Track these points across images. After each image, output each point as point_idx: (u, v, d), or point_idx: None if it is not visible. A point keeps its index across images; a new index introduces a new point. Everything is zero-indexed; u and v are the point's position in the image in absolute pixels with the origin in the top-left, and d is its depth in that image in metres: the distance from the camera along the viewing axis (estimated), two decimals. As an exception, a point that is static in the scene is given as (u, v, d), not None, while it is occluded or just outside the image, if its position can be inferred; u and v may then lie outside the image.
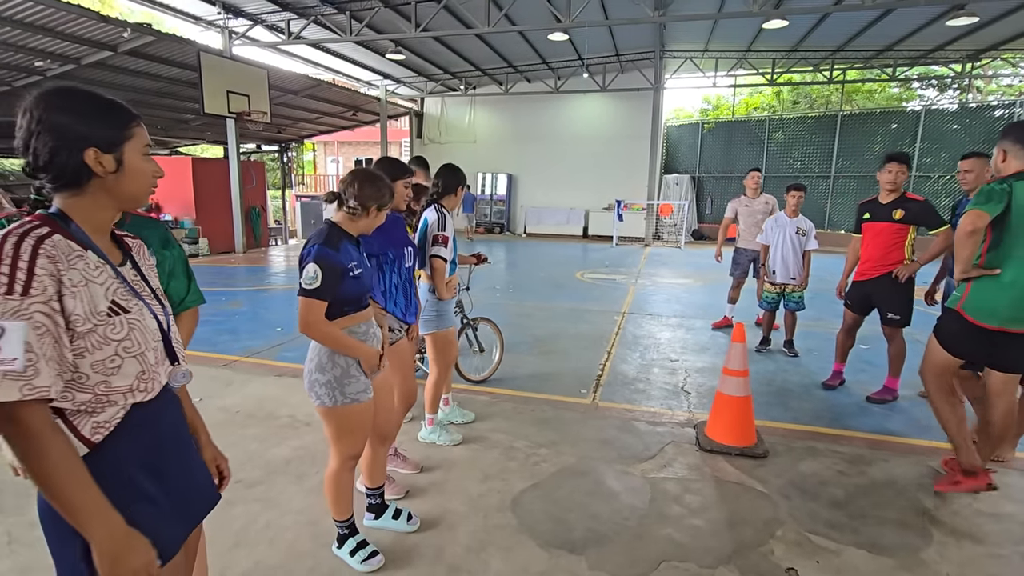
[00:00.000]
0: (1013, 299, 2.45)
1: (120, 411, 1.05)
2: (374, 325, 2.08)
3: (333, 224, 1.95)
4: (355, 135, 23.83)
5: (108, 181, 1.06)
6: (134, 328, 1.07)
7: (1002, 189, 2.45)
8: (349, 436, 2.01)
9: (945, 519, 2.52)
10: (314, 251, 1.83)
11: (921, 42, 12.74)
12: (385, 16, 11.02)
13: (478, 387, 4.08)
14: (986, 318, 2.53)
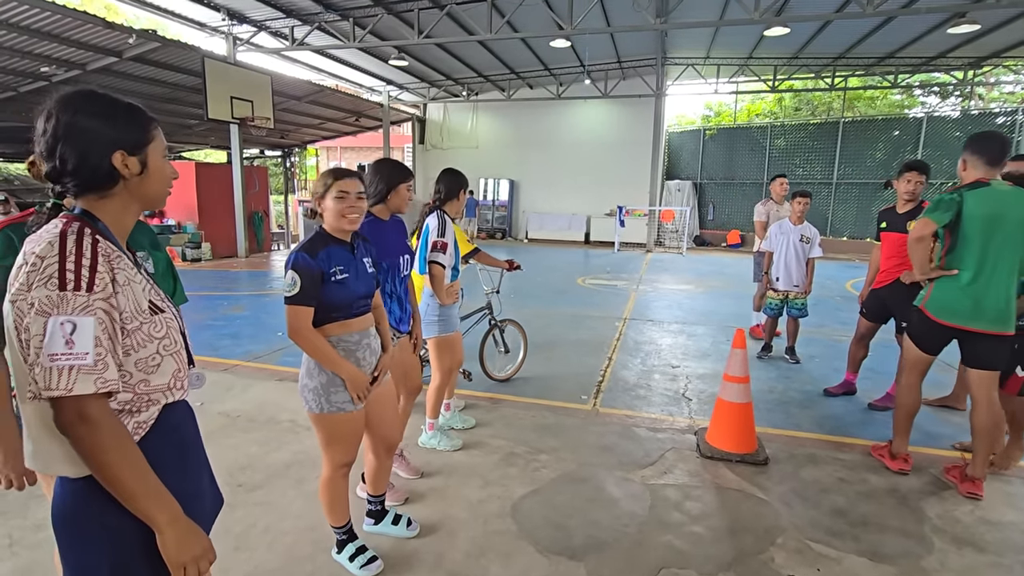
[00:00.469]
0: (971, 300, 2.67)
1: (156, 411, 1.07)
2: (371, 335, 2.03)
3: (319, 230, 1.95)
4: (358, 141, 23.91)
5: (132, 183, 1.07)
6: (171, 327, 1.10)
7: (951, 199, 2.69)
8: (337, 444, 2.00)
9: (947, 527, 2.51)
10: (291, 258, 1.84)
11: (923, 49, 12.77)
12: (388, 23, 11.10)
13: (479, 392, 4.08)
14: (947, 316, 2.74)
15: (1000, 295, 2.65)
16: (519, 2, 9.93)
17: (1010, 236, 2.62)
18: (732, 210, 17.38)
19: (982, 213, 2.64)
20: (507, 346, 4.37)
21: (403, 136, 24.31)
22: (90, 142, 1.01)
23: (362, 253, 2.02)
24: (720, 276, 10.83)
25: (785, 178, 5.94)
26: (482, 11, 10.34)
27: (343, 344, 1.94)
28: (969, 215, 2.65)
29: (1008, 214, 2.62)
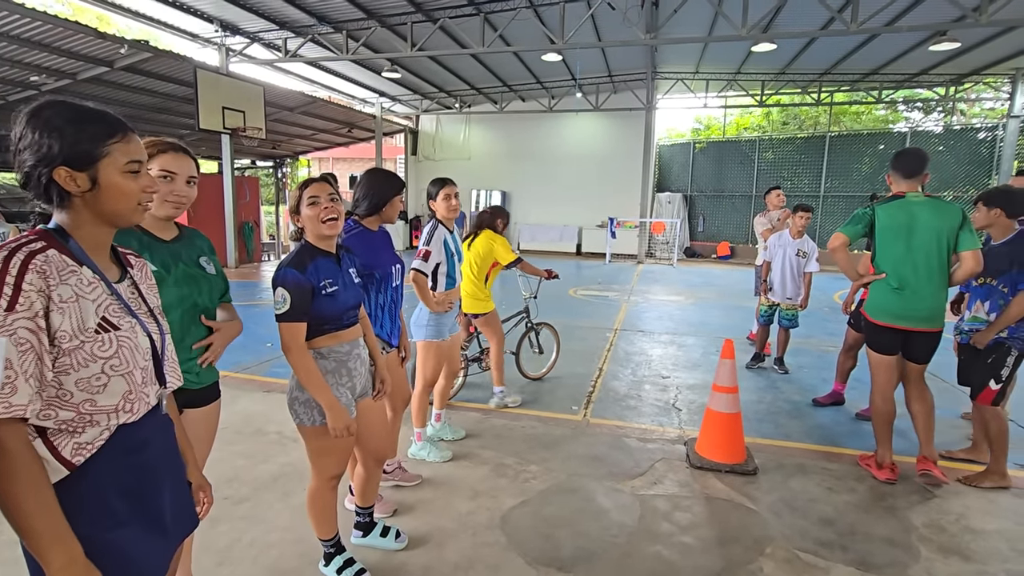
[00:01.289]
0: (899, 301, 2.90)
1: (104, 432, 1.03)
2: (360, 345, 2.02)
3: (304, 243, 1.93)
4: (350, 152, 23.95)
5: (87, 199, 1.04)
6: (123, 346, 1.05)
7: (863, 213, 3.00)
8: (327, 457, 1.97)
9: (933, 536, 2.53)
10: (279, 274, 1.81)
11: (906, 66, 13.07)
12: (381, 35, 11.19)
13: (469, 404, 4.06)
14: (882, 317, 2.97)
15: (924, 297, 2.87)
16: (511, 16, 10.06)
17: (924, 243, 2.85)
18: (722, 222, 17.57)
19: (893, 224, 2.90)
20: (541, 347, 4.71)
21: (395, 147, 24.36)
22: (36, 155, 1.00)
23: (347, 264, 2.00)
24: (710, 287, 10.91)
25: (780, 189, 5.92)
26: (475, 25, 10.47)
27: (334, 355, 1.93)
28: (880, 226, 2.94)
29: (919, 223, 2.86)
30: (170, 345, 1.22)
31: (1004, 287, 2.89)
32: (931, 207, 2.88)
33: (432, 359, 3.04)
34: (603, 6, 9.68)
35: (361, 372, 2.02)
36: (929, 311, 2.89)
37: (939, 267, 2.86)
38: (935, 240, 2.84)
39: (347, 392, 1.96)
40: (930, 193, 3.00)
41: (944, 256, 2.86)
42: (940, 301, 2.90)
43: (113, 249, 1.15)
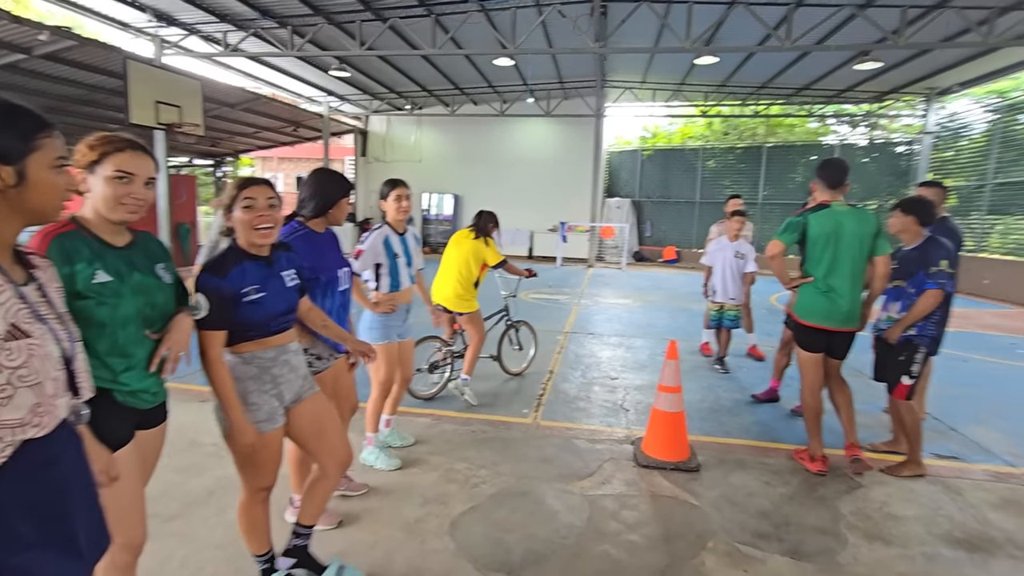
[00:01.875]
0: (824, 303, 3.11)
1: (7, 448, 0.95)
2: (290, 351, 1.91)
3: (232, 244, 1.82)
4: (296, 151, 23.20)
5: (10, 195, 0.99)
6: (34, 355, 0.97)
7: (797, 222, 3.18)
8: (253, 468, 1.87)
9: (859, 524, 2.69)
10: (199, 278, 1.71)
11: (834, 83, 13.95)
12: (329, 32, 10.91)
13: (418, 409, 4.00)
14: (809, 318, 3.17)
15: (845, 299, 3.08)
16: (463, 19, 10.04)
17: (848, 249, 3.06)
18: (668, 227, 18.18)
19: (822, 231, 3.09)
20: (521, 344, 4.97)
21: (344, 148, 23.79)
22: None
23: (282, 266, 1.90)
24: (657, 290, 11.24)
25: (739, 198, 5.87)
26: (426, 26, 10.38)
27: (257, 361, 1.83)
28: (812, 234, 3.12)
29: (844, 231, 3.06)
30: (80, 353, 1.13)
31: (912, 289, 3.13)
32: (854, 215, 3.10)
33: (382, 363, 2.97)
34: (554, 13, 9.83)
35: (291, 379, 1.92)
36: (849, 312, 3.10)
37: (859, 272, 3.10)
38: (858, 246, 3.07)
39: (271, 400, 1.86)
40: (851, 202, 3.22)
41: (863, 261, 3.10)
42: (858, 303, 3.14)
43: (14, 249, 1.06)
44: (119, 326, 1.44)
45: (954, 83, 13.35)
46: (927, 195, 3.53)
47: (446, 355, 4.31)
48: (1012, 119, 12.38)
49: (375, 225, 3.05)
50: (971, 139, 13.75)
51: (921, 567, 2.37)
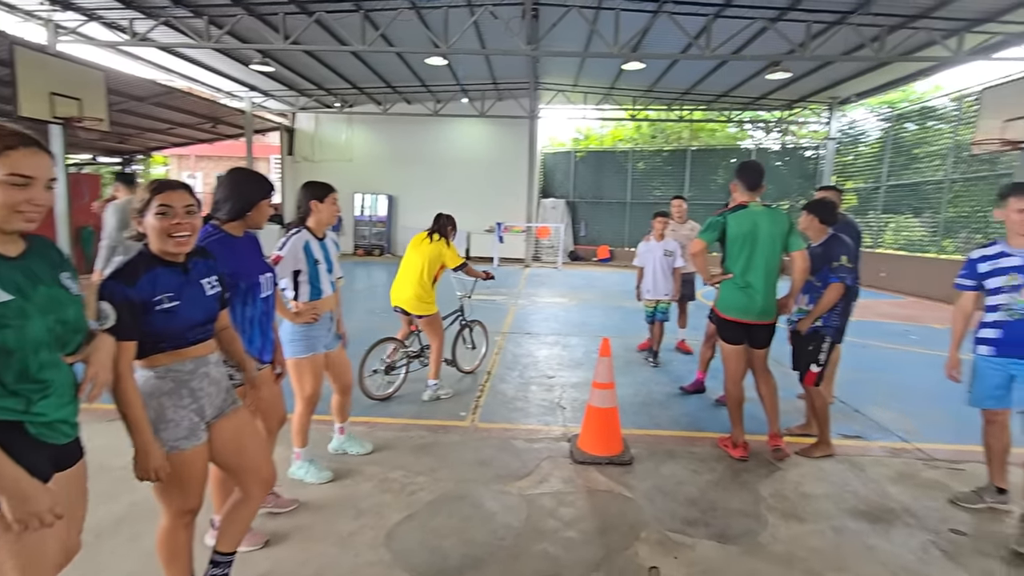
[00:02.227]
0: (743, 298, 3.29)
1: None
2: (210, 362, 1.79)
3: (144, 249, 1.69)
4: (216, 149, 21.89)
5: None
6: None
7: (717, 221, 3.36)
8: (173, 489, 1.74)
9: (777, 504, 2.87)
10: (104, 285, 1.57)
11: (750, 91, 14.88)
12: (249, 24, 10.35)
13: (354, 418, 3.86)
14: (729, 312, 3.35)
15: (761, 294, 3.28)
16: (393, 16, 9.84)
17: (763, 247, 3.26)
18: (602, 227, 18.70)
19: (740, 231, 3.28)
20: (474, 343, 5.16)
21: (270, 146, 22.72)
22: None
23: (200, 273, 1.78)
24: (592, 289, 11.52)
25: (682, 199, 5.99)
26: (355, 21, 10.08)
27: (172, 374, 1.70)
28: (731, 233, 3.31)
29: (760, 230, 3.26)
30: None
31: (819, 282, 3.39)
32: (768, 215, 3.31)
33: (307, 376, 2.83)
34: (486, 14, 9.84)
35: (211, 392, 1.80)
36: (765, 307, 3.30)
37: (773, 268, 3.31)
38: (772, 244, 3.27)
39: (191, 415, 1.74)
40: (766, 203, 3.44)
41: (777, 258, 3.32)
42: (773, 298, 3.35)
43: None
44: (29, 351, 1.24)
45: (852, 93, 14.59)
46: (831, 196, 3.84)
47: (402, 356, 4.39)
48: (901, 127, 13.72)
49: (292, 230, 2.88)
50: (867, 145, 15.11)
51: (831, 540, 2.57)
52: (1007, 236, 2.79)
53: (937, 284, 11.57)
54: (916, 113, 13.54)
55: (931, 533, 2.64)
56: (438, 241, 4.30)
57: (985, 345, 2.79)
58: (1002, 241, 2.81)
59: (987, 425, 2.87)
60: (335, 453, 3.27)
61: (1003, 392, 2.75)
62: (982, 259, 2.83)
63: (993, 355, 2.76)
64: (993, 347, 2.75)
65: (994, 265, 2.77)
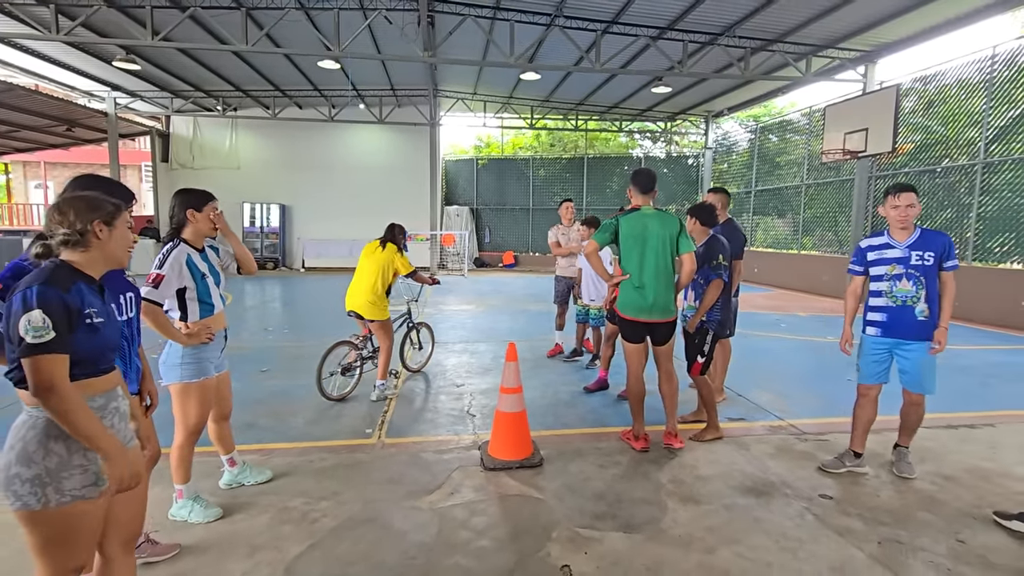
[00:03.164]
0: (640, 298, 3.44)
1: None
2: (119, 396, 1.62)
3: (62, 262, 1.50)
4: (72, 155, 19.40)
5: None
6: None
7: (609, 223, 3.52)
8: (64, 547, 1.49)
9: (676, 490, 3.05)
10: (33, 293, 1.38)
11: (637, 103, 15.91)
12: (109, 16, 9.30)
13: (246, 446, 3.56)
14: (629, 312, 3.49)
15: (658, 293, 3.43)
16: (280, 16, 9.32)
17: (654, 248, 3.42)
18: (506, 233, 18.99)
19: (631, 232, 3.45)
20: (421, 343, 5.53)
21: (140, 152, 20.55)
22: None
23: (110, 296, 1.64)
24: (499, 295, 11.63)
25: (571, 201, 6.13)
26: (236, 19, 9.41)
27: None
28: (623, 234, 3.47)
29: (650, 232, 3.43)
30: None
31: (702, 280, 3.67)
32: (658, 218, 3.50)
33: (194, 404, 2.57)
34: (380, 19, 9.62)
35: (121, 429, 1.61)
36: (661, 305, 3.46)
37: (666, 268, 3.47)
38: (662, 245, 3.45)
39: (98, 458, 1.52)
40: (657, 206, 3.66)
41: (669, 258, 3.48)
42: (669, 296, 3.49)
43: None
44: None
45: (725, 107, 16.13)
46: (711, 199, 4.18)
47: (356, 358, 4.62)
48: (765, 138, 15.37)
49: (168, 244, 2.60)
50: (739, 154, 16.75)
51: (724, 518, 2.77)
52: (890, 229, 3.15)
53: (799, 277, 13.09)
54: (776, 126, 15.25)
55: (805, 500, 2.95)
56: (390, 249, 4.62)
57: (872, 327, 3.19)
58: (888, 233, 3.16)
59: (860, 398, 3.28)
60: (229, 488, 2.99)
61: (884, 369, 3.18)
62: (869, 248, 3.19)
63: (878, 336, 3.16)
64: (879, 329, 3.16)
65: (879, 255, 3.14)
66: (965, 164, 9.51)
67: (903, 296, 3.07)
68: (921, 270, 3.02)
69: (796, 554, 2.46)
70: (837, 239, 12.73)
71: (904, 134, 10.52)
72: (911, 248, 3.04)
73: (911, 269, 3.04)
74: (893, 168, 11.05)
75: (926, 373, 3.09)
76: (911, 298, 3.04)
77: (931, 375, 3.10)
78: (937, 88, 10.24)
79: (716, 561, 2.40)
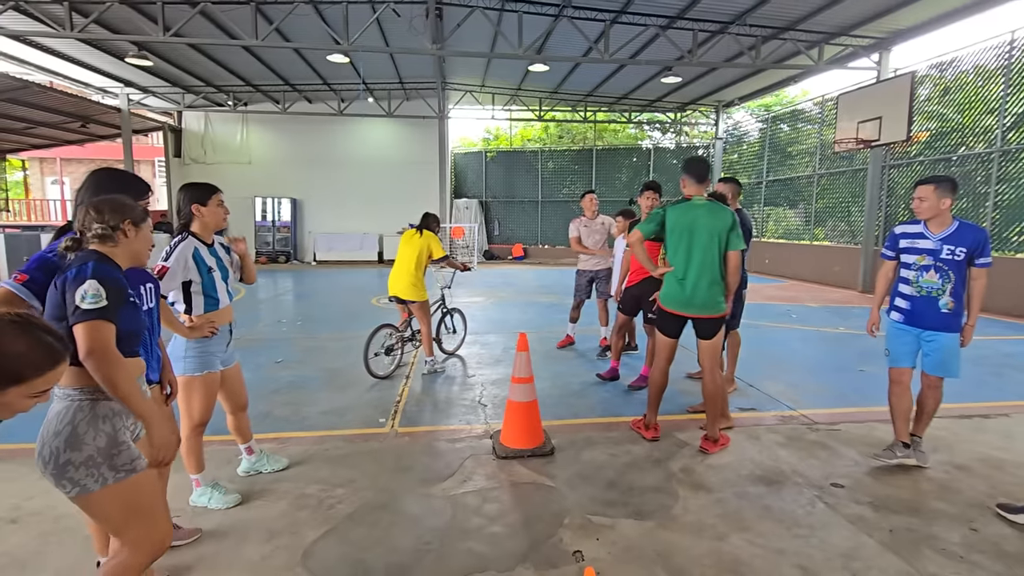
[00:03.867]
0: (684, 291, 3.33)
1: None
2: (144, 385, 1.74)
3: (98, 251, 1.62)
4: (87, 151, 19.64)
5: None
6: None
7: (656, 213, 3.40)
8: (142, 518, 1.59)
9: (686, 478, 3.08)
10: (88, 267, 1.52)
11: (646, 93, 15.77)
12: (121, 13, 9.37)
13: (264, 435, 3.63)
14: (671, 305, 3.40)
15: (702, 287, 3.30)
16: (289, 10, 9.34)
17: (702, 240, 3.29)
18: (515, 225, 18.98)
19: (679, 223, 3.32)
20: (455, 327, 5.92)
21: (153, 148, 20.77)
22: None
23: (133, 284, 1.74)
24: (508, 287, 11.66)
25: (594, 193, 5.92)
26: (246, 14, 9.45)
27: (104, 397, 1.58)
28: (670, 225, 3.36)
29: (699, 224, 3.30)
30: None
31: None
32: (709, 210, 3.30)
33: (197, 397, 2.60)
34: (388, 12, 9.62)
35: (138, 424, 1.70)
36: (703, 300, 3.29)
37: (712, 262, 3.28)
38: (710, 239, 3.27)
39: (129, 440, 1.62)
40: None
41: (716, 253, 3.29)
42: (713, 292, 3.30)
43: None
44: None
45: (735, 97, 15.94)
46: (721, 189, 4.16)
47: (397, 340, 5.02)
48: (777, 128, 15.19)
49: (176, 237, 2.63)
50: (749, 144, 16.57)
51: (734, 505, 2.79)
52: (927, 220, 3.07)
53: (811, 268, 12.96)
54: (788, 115, 15.05)
55: (816, 489, 2.95)
56: (427, 234, 5.01)
57: (896, 312, 3.18)
58: (925, 223, 3.08)
59: (892, 385, 3.24)
60: (247, 475, 3.05)
61: (912, 351, 3.16)
62: (903, 235, 3.16)
63: (902, 323, 3.15)
64: (902, 315, 3.15)
65: (911, 243, 3.11)
66: (982, 152, 9.34)
67: (928, 287, 3.04)
68: (950, 264, 2.98)
69: (808, 541, 2.48)
70: (849, 229, 12.59)
71: (919, 122, 10.36)
72: (943, 241, 3.00)
73: (940, 262, 3.00)
74: (907, 157, 10.89)
75: (949, 357, 3.05)
76: (936, 290, 3.01)
77: (954, 359, 3.05)
78: (954, 75, 10.05)
79: (727, 547, 2.43)
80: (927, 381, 3.15)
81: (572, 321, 6.12)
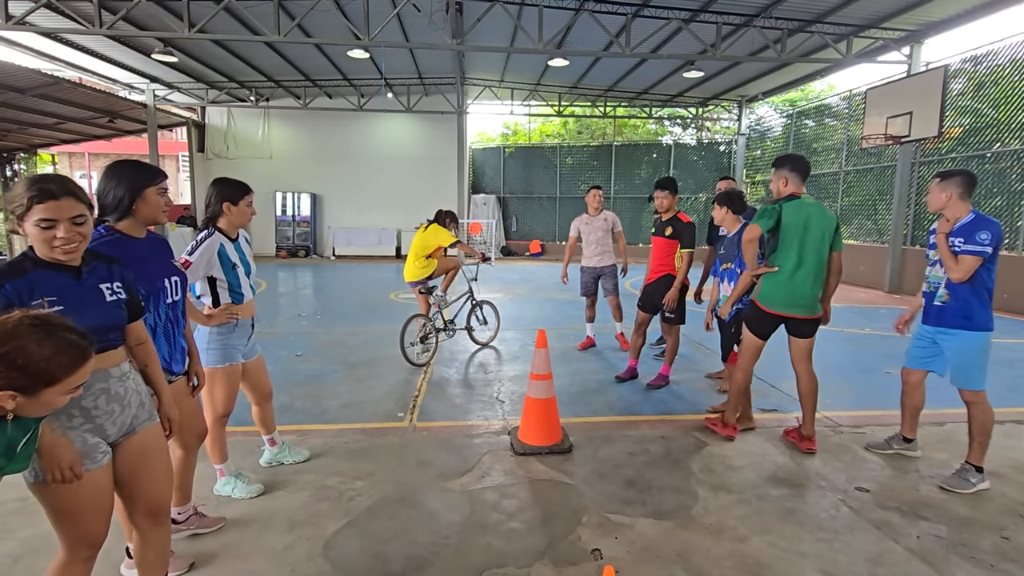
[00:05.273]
0: (789, 291, 3.22)
1: None
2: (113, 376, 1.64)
3: (29, 250, 1.57)
4: (114, 146, 20.10)
5: None
6: None
7: (773, 209, 3.23)
8: (70, 518, 1.57)
9: (706, 478, 3.04)
10: None
11: (667, 88, 15.57)
12: (148, 10, 9.54)
13: (284, 427, 3.68)
14: (772, 305, 3.28)
15: (809, 287, 3.22)
16: (310, 6, 9.41)
17: (814, 240, 3.19)
18: (533, 222, 18.93)
19: (795, 221, 3.20)
20: (486, 319, 5.98)
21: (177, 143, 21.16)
22: None
23: (99, 278, 1.64)
24: (526, 283, 11.64)
25: (599, 189, 5.85)
26: (268, 10, 9.54)
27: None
28: (786, 222, 3.21)
29: (812, 223, 3.19)
30: None
31: (739, 269, 3.60)
32: (819, 210, 3.24)
33: (220, 388, 2.63)
34: (408, 6, 9.63)
35: (113, 410, 1.64)
36: (810, 300, 3.25)
37: (821, 262, 3.25)
38: (822, 238, 3.22)
39: (85, 436, 1.58)
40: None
41: (825, 253, 3.24)
42: (817, 292, 3.27)
43: None
44: None
45: (759, 92, 15.65)
46: (725, 187, 4.07)
47: (430, 329, 5.26)
48: (801, 123, 14.88)
49: (202, 232, 2.65)
50: (773, 140, 16.26)
51: (755, 507, 2.75)
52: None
53: (836, 267, 12.67)
54: (813, 111, 14.73)
55: (840, 492, 2.90)
56: (433, 227, 5.50)
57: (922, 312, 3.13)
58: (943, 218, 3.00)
59: (903, 384, 3.23)
60: (269, 466, 3.10)
61: (927, 356, 3.08)
62: (931, 231, 3.09)
63: (922, 322, 3.11)
64: (922, 314, 3.10)
65: (933, 239, 3.04)
66: (1018, 148, 9.03)
67: (936, 282, 3.00)
68: None
69: (831, 545, 2.43)
70: (876, 228, 12.29)
71: (951, 118, 10.05)
72: (951, 234, 2.92)
73: None
74: (939, 154, 10.58)
75: (965, 362, 2.91)
76: (940, 284, 2.97)
77: (973, 367, 2.91)
78: (988, 69, 9.72)
79: (748, 550, 2.39)
80: (961, 396, 3.00)
81: (589, 321, 5.99)
